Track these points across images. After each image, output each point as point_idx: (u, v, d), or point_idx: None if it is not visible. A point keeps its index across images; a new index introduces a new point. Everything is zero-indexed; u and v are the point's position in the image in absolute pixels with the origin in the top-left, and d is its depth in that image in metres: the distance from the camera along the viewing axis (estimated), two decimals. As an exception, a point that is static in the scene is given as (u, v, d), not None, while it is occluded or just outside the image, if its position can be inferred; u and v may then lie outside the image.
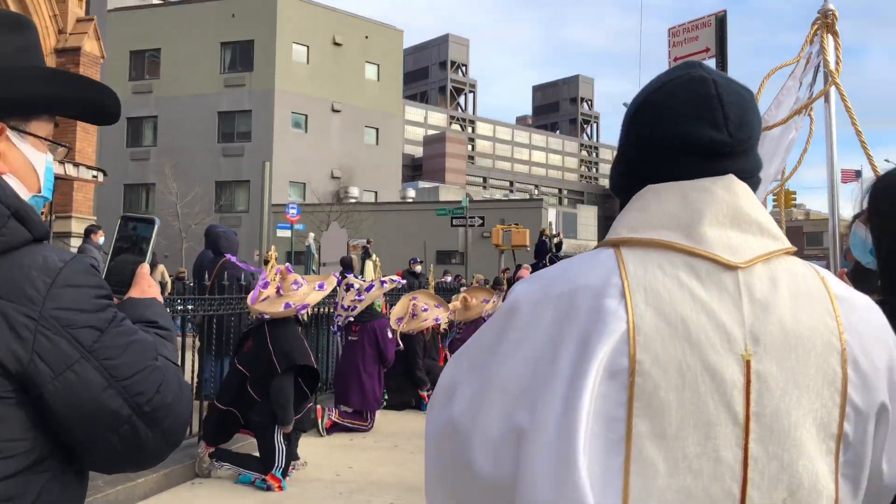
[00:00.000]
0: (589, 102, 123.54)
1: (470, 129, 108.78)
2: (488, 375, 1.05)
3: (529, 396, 1.00)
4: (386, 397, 8.38)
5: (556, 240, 17.65)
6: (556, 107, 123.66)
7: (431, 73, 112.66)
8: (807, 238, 57.59)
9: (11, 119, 1.19)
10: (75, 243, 13.50)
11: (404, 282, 9.06)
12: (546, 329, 1.01)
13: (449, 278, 17.54)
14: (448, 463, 1.09)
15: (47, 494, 1.07)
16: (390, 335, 7.88)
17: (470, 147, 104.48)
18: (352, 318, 7.78)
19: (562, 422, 0.95)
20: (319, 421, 7.28)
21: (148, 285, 1.32)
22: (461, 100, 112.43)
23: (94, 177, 14.08)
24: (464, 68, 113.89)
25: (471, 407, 1.05)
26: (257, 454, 5.72)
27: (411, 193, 51.47)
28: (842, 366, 1.01)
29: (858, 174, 47.47)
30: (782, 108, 2.01)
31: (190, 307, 6.06)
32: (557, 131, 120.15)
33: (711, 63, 5.69)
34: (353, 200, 37.73)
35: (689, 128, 1.07)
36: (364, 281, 8.16)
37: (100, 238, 11.19)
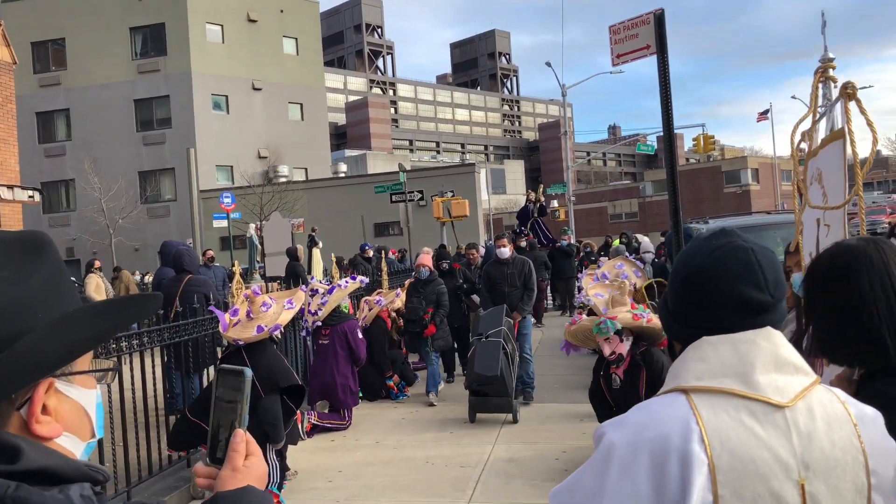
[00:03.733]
0: (507, 56, 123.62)
1: (391, 92, 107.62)
2: None
3: None
4: (361, 395, 8.61)
5: (537, 204, 17.79)
6: (475, 63, 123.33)
7: (347, 37, 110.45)
8: (725, 176, 59.63)
9: (57, 369, 1.04)
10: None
11: (366, 280, 9.21)
12: (645, 475, 1.28)
13: (393, 254, 17.59)
14: None
15: None
16: (360, 335, 8.07)
17: (393, 110, 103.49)
18: (320, 322, 7.93)
19: None
20: (299, 425, 7.43)
21: (242, 460, 1.17)
22: (380, 63, 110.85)
23: (30, 197, 13.54)
24: (379, 30, 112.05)
25: None
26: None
27: (343, 167, 50.92)
28: (866, 476, 1.32)
29: (766, 112, 50.51)
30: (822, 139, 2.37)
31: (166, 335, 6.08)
32: (478, 87, 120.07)
33: (653, 59, 5.95)
34: (283, 179, 37.14)
35: (740, 290, 1.34)
36: (326, 284, 8.30)
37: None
